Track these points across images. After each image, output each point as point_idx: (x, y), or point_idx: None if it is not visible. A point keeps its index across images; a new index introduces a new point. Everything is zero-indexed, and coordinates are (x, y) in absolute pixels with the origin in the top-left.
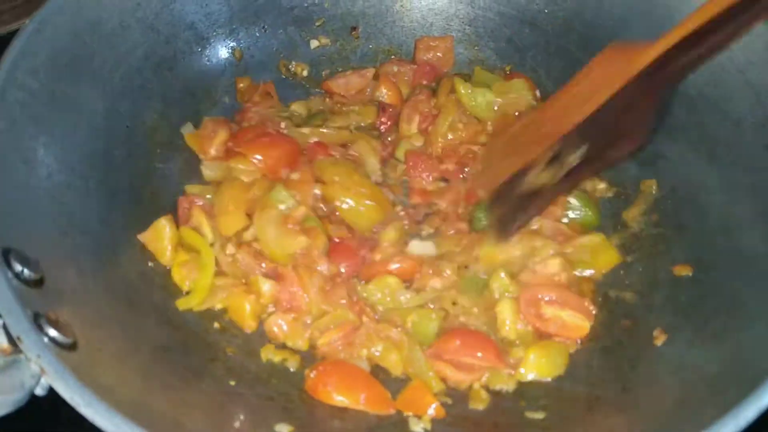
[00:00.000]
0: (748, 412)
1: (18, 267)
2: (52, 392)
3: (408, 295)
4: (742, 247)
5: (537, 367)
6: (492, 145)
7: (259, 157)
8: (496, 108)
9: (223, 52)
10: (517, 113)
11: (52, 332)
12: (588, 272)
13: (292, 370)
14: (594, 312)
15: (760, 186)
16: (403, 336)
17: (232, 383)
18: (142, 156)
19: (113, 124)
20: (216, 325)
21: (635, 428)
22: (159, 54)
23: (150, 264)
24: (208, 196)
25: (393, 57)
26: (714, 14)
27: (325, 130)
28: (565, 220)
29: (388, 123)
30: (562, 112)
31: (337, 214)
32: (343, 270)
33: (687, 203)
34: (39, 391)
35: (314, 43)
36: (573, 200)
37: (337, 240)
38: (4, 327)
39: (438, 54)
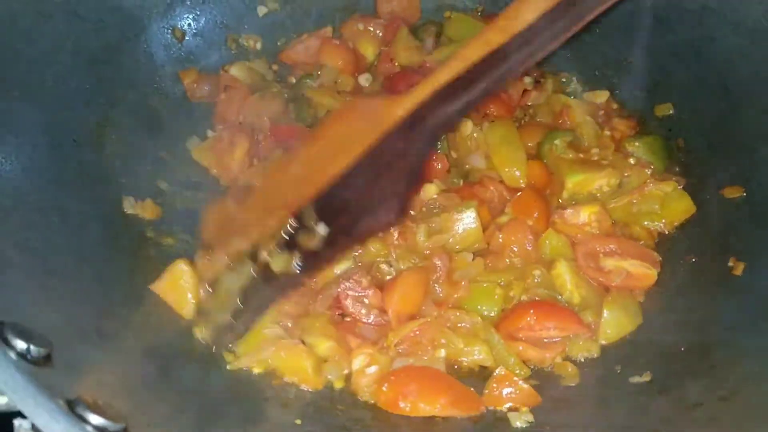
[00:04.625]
0: None
1: (20, 344)
2: None
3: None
4: None
5: (616, 321)
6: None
7: None
8: None
9: (161, 34)
10: None
11: (97, 420)
12: (657, 225)
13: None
14: (659, 259)
15: None
16: (477, 318)
17: (298, 422)
18: (98, 172)
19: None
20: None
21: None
22: (90, 46)
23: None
24: None
25: (354, 13)
26: (470, 65)
27: None
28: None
29: None
30: (291, 182)
31: None
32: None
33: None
34: None
35: (262, 10)
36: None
37: None
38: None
39: (401, 3)
